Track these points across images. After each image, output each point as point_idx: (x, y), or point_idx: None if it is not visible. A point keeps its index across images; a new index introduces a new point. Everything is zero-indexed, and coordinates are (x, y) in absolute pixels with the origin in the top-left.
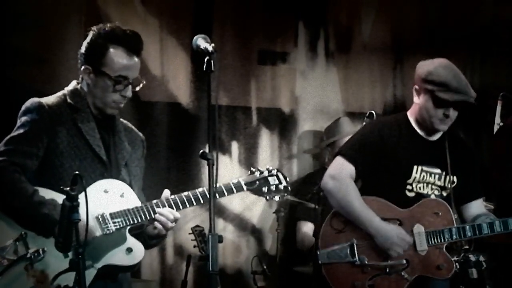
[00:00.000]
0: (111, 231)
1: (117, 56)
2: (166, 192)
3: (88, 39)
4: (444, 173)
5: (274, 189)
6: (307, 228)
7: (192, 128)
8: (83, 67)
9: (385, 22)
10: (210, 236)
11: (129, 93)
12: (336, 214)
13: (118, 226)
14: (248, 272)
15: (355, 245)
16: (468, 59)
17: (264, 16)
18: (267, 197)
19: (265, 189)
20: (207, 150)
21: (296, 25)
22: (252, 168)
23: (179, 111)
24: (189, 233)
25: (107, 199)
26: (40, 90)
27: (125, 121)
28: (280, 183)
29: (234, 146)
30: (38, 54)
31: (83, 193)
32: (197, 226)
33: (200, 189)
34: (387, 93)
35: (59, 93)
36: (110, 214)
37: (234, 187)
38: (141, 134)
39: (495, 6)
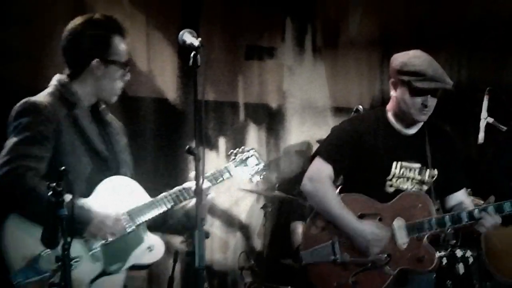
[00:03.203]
0: (131, 229)
1: (120, 42)
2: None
3: (77, 34)
4: (424, 167)
5: (255, 170)
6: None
7: (179, 123)
8: (94, 62)
9: (372, 17)
10: (196, 231)
11: (129, 77)
12: (317, 213)
13: (138, 223)
14: (235, 268)
15: (336, 243)
16: (456, 54)
17: (252, 11)
18: (251, 179)
19: (247, 170)
20: (194, 146)
21: (283, 20)
22: (230, 151)
23: (166, 107)
24: None
25: (118, 197)
26: (27, 86)
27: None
28: (259, 163)
29: (221, 142)
30: (25, 50)
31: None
32: None
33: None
34: (374, 88)
35: (49, 90)
36: (127, 212)
37: (228, 171)
38: (118, 122)
39: (483, 1)
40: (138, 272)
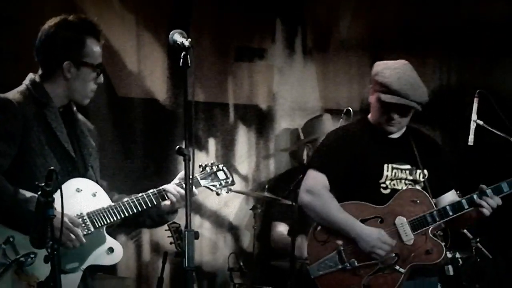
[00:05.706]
0: (90, 231)
1: (93, 45)
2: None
3: (51, 35)
4: (414, 167)
5: (223, 183)
6: (282, 227)
7: (168, 124)
8: (66, 64)
9: (363, 19)
10: (186, 232)
11: (102, 79)
12: (317, 226)
13: (97, 226)
14: (224, 269)
15: (342, 251)
16: (445, 57)
17: (242, 13)
18: (218, 191)
19: (216, 183)
20: (183, 146)
21: (273, 21)
22: (200, 164)
23: (156, 107)
24: (166, 230)
25: (80, 198)
26: (14, 87)
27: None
28: (228, 177)
29: (211, 143)
30: (12, 51)
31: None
32: (174, 222)
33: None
34: (364, 90)
35: (20, 88)
36: (88, 213)
37: (197, 181)
38: (91, 124)
39: (472, 5)
40: (128, 273)
